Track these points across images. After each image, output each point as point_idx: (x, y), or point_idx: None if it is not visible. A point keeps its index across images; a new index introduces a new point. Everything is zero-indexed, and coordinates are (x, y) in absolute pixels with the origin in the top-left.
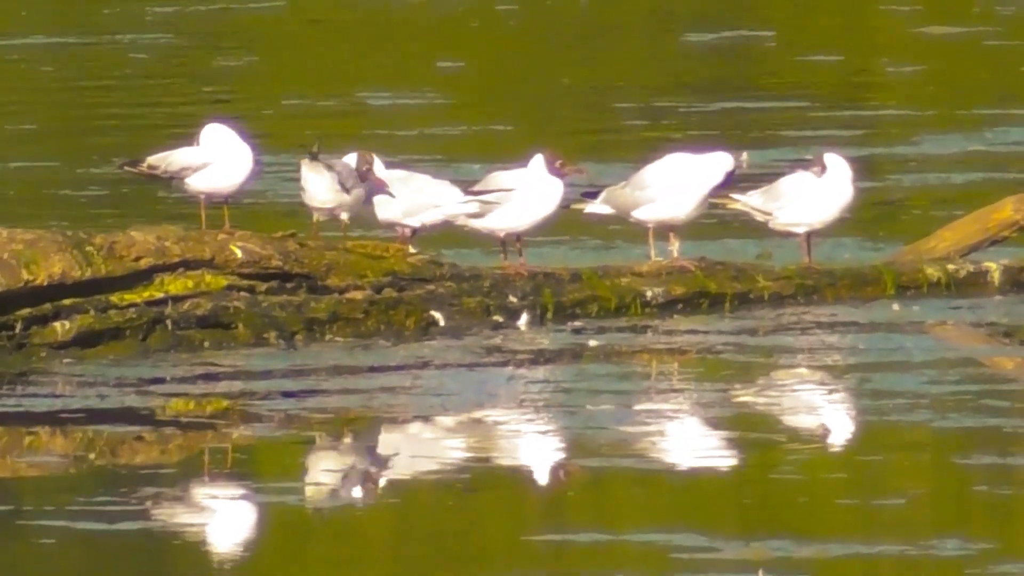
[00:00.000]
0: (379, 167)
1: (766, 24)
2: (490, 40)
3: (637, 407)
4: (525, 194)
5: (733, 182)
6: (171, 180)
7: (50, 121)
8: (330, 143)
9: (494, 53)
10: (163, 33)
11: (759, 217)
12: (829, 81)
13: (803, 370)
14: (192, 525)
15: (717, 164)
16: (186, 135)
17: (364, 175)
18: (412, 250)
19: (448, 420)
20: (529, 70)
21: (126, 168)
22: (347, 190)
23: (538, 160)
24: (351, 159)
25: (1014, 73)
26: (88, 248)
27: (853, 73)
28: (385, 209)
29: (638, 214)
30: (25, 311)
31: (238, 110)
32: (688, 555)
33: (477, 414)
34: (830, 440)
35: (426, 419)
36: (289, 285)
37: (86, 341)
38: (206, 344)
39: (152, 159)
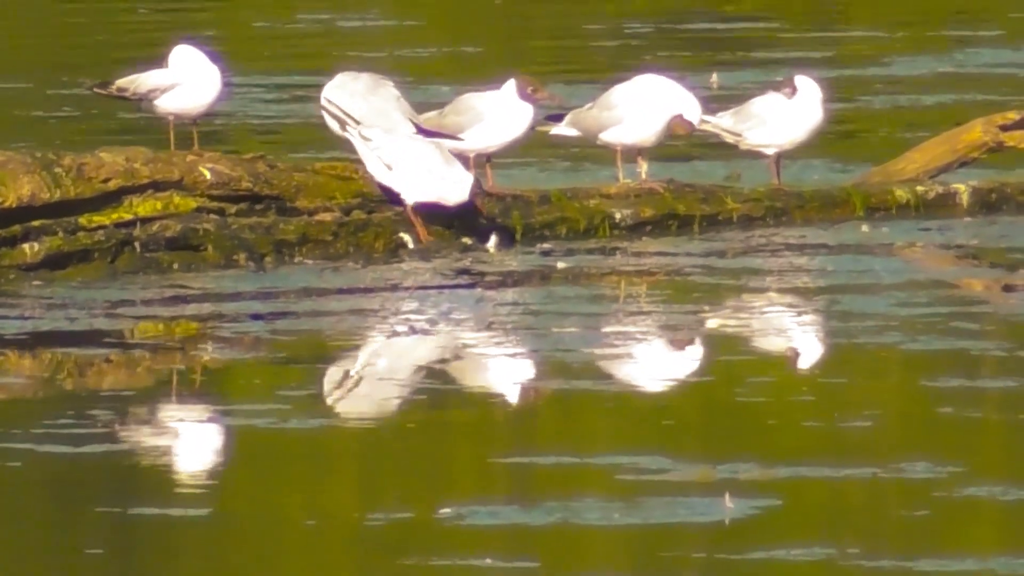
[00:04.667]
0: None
1: None
2: None
3: (605, 329)
4: (495, 116)
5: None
6: (140, 101)
7: (20, 42)
8: (302, 63)
9: None
10: None
11: (728, 138)
12: (799, 2)
13: (772, 292)
14: (159, 448)
15: (686, 101)
16: (155, 57)
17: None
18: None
19: (416, 342)
20: None
21: (96, 90)
22: None
23: (510, 84)
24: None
25: None
26: (57, 169)
27: None
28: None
29: (605, 136)
30: None
31: (206, 30)
32: (654, 477)
33: (445, 336)
34: (798, 362)
35: (394, 341)
36: (259, 207)
37: (55, 263)
38: (175, 266)
39: (120, 81)
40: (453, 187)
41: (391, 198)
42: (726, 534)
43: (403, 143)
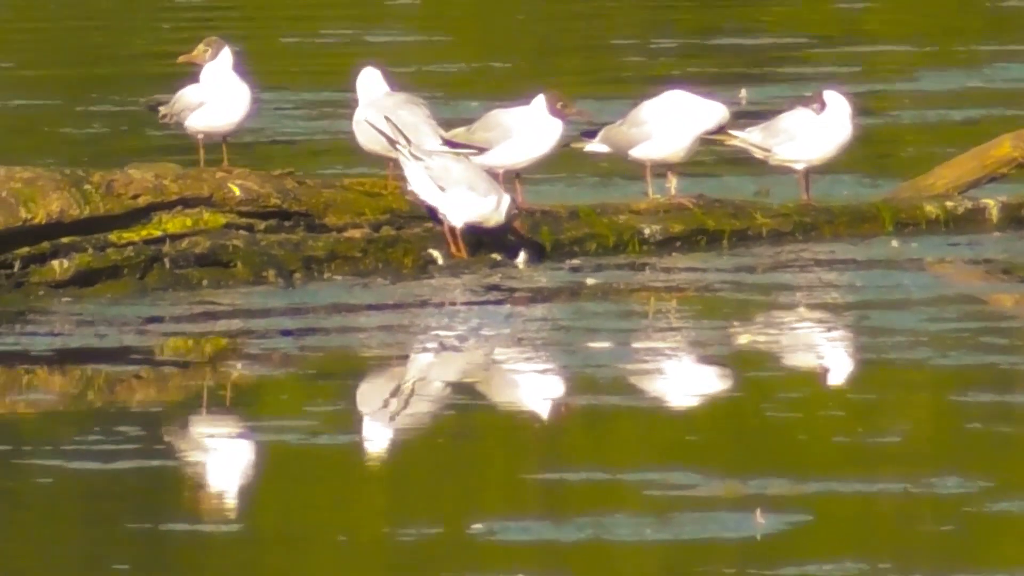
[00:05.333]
0: (379, 83)
1: None
2: None
3: (635, 345)
4: (524, 132)
5: (726, 127)
6: (173, 120)
7: (48, 59)
8: (330, 79)
9: None
10: None
11: (758, 154)
12: (828, 17)
13: (801, 308)
14: (190, 463)
15: (712, 112)
16: (185, 73)
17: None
18: (409, 187)
19: (446, 359)
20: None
21: (152, 108)
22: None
23: (540, 100)
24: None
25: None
26: (86, 186)
27: (851, 9)
28: (367, 140)
29: (635, 152)
30: (24, 250)
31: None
32: (685, 492)
33: (475, 352)
34: (828, 378)
35: (424, 358)
36: (287, 223)
37: (84, 279)
38: (204, 282)
39: (164, 109)
40: (494, 209)
41: (434, 216)
42: (757, 549)
43: (450, 164)
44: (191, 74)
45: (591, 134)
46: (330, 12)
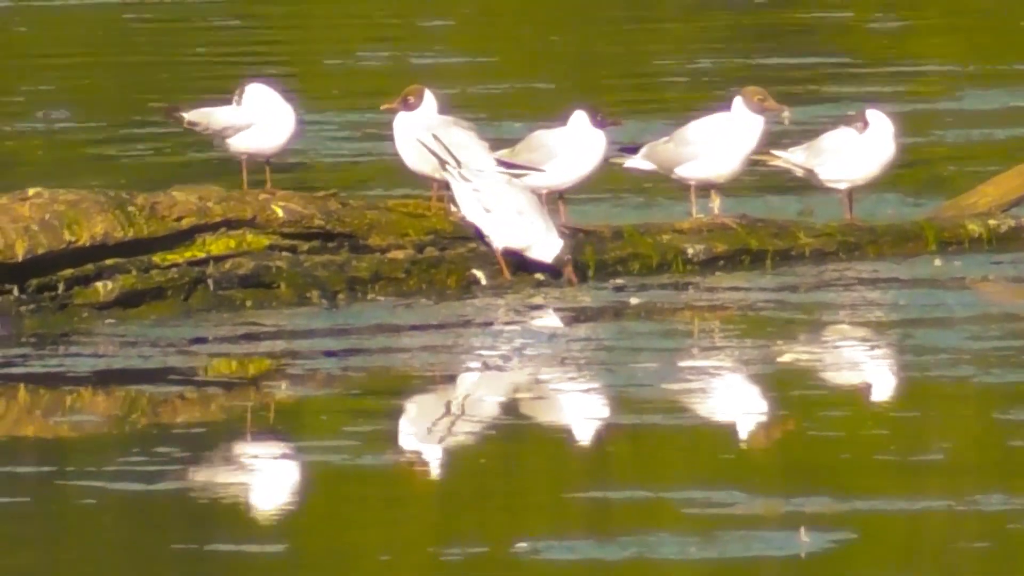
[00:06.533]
0: (431, 105)
1: None
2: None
3: (679, 364)
4: (568, 151)
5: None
6: (212, 138)
7: (91, 82)
8: (374, 101)
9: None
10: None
11: (801, 173)
12: (870, 36)
13: (845, 326)
14: (234, 484)
15: (752, 126)
16: (225, 94)
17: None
18: (454, 209)
19: (490, 379)
20: (554, 28)
21: (170, 114)
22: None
23: (579, 115)
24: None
25: None
26: (130, 208)
27: (893, 29)
28: (417, 160)
29: (681, 171)
30: (67, 271)
31: (277, 67)
32: (729, 511)
33: (519, 372)
34: (872, 396)
35: (468, 378)
36: (331, 244)
37: (128, 301)
38: (248, 304)
39: (191, 115)
40: (543, 248)
41: (481, 238)
42: (802, 568)
43: (501, 187)
44: (230, 94)
45: (631, 150)
46: (368, 34)
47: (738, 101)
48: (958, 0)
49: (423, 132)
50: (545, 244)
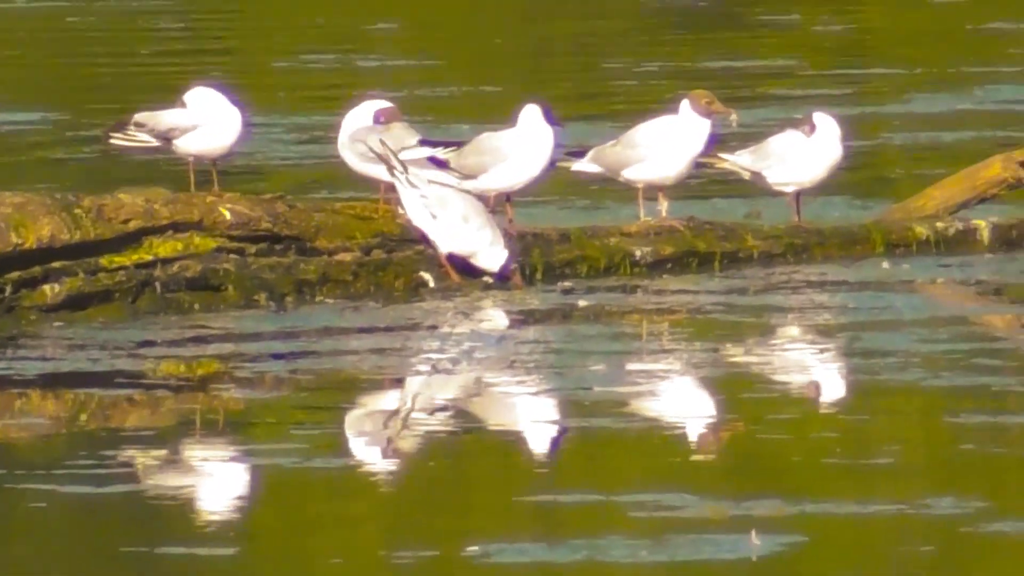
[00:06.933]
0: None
1: None
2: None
3: (628, 367)
4: (517, 153)
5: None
6: (159, 140)
7: (38, 85)
8: (321, 104)
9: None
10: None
11: (748, 176)
12: (818, 40)
13: (793, 329)
14: (184, 487)
15: (699, 129)
16: (173, 98)
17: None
18: (401, 211)
19: (438, 381)
20: (497, 31)
21: (111, 135)
22: None
23: (531, 109)
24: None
25: (990, 32)
26: (77, 211)
27: (841, 32)
28: (359, 163)
29: (628, 174)
30: (14, 274)
31: (223, 71)
32: (679, 514)
33: (467, 375)
34: (821, 400)
35: (416, 381)
36: (278, 247)
37: (76, 304)
38: (196, 306)
39: (139, 116)
40: (488, 257)
41: (427, 242)
42: (753, 571)
43: (448, 194)
44: (179, 98)
45: (579, 153)
46: (314, 37)
47: (685, 104)
48: (905, 3)
49: (370, 135)
50: (491, 254)
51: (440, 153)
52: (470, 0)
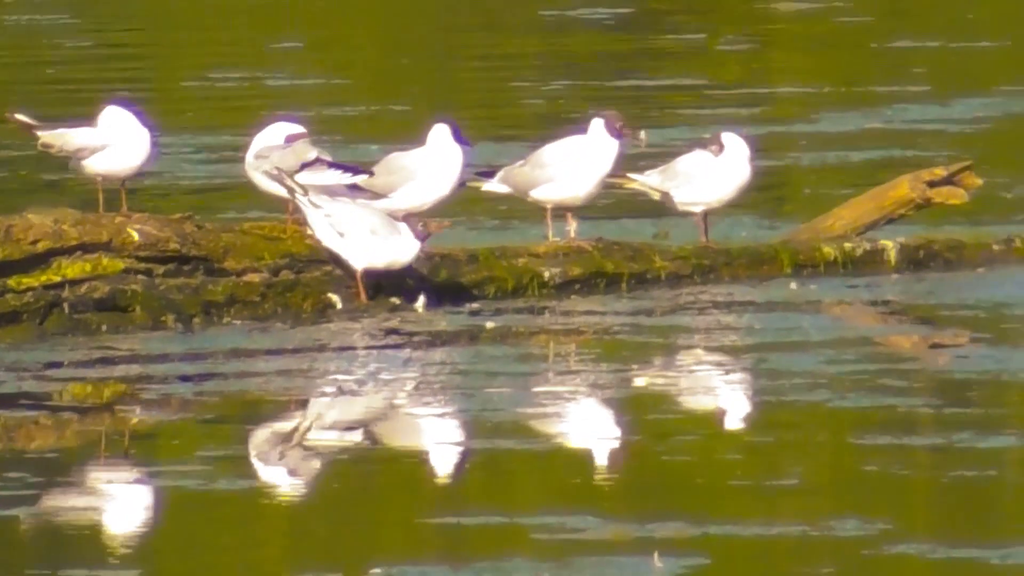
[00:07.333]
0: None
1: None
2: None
3: (534, 389)
4: (425, 173)
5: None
6: (67, 159)
7: None
8: (230, 122)
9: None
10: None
11: (656, 196)
12: (726, 59)
13: (700, 350)
14: (88, 509)
15: (608, 149)
16: (82, 115)
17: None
18: (309, 231)
19: (344, 403)
20: (404, 49)
21: (16, 117)
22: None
23: (440, 129)
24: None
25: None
26: None
27: (749, 51)
28: (266, 182)
29: (536, 194)
30: None
31: (131, 88)
32: (583, 536)
33: (374, 397)
34: (727, 421)
35: (322, 402)
36: (186, 268)
37: None
38: (103, 328)
39: (46, 136)
40: (400, 251)
41: (337, 262)
42: None
43: (352, 209)
44: (88, 116)
45: (488, 174)
46: (221, 56)
47: (595, 124)
48: (812, 23)
49: (272, 154)
50: (404, 251)
51: (359, 181)
52: (371, 19)
